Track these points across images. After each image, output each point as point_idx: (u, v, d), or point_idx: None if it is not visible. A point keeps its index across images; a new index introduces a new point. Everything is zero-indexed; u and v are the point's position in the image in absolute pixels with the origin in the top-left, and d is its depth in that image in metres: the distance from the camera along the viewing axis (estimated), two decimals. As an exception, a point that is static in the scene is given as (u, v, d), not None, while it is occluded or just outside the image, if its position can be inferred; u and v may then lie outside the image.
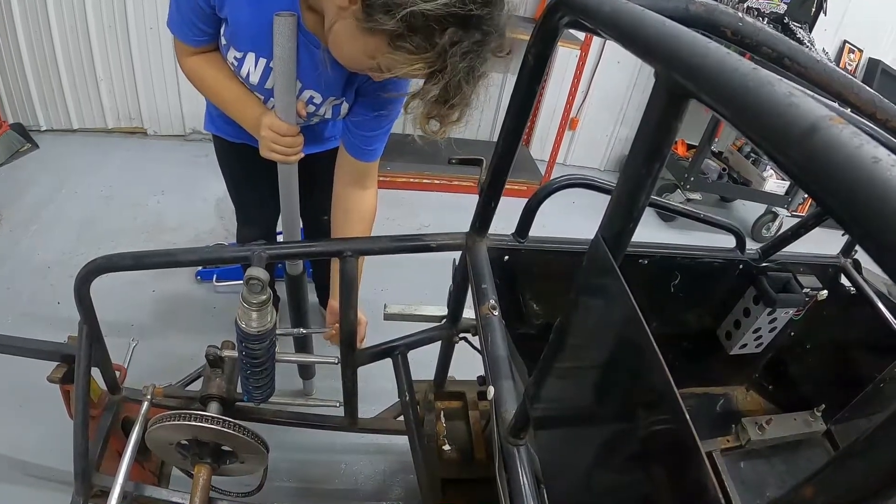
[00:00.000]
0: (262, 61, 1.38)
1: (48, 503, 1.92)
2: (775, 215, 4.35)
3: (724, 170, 4.38)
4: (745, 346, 1.65)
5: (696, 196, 4.11)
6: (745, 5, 3.56)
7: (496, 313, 1.11)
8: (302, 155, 1.47)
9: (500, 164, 1.14)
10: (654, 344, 0.56)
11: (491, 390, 0.98)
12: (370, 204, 1.63)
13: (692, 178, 4.03)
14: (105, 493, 1.38)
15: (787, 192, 4.28)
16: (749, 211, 4.74)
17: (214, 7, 1.30)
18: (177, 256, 1.30)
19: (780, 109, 0.36)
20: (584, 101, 4.32)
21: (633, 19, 0.58)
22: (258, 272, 1.16)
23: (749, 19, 0.68)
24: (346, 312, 1.35)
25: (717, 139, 4.14)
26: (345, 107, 1.49)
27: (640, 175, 0.61)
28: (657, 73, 0.55)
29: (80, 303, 1.41)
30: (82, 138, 4.11)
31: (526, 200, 1.36)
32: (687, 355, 1.66)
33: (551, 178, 3.90)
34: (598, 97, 4.43)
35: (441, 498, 1.49)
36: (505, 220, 1.36)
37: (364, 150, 1.53)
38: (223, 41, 1.38)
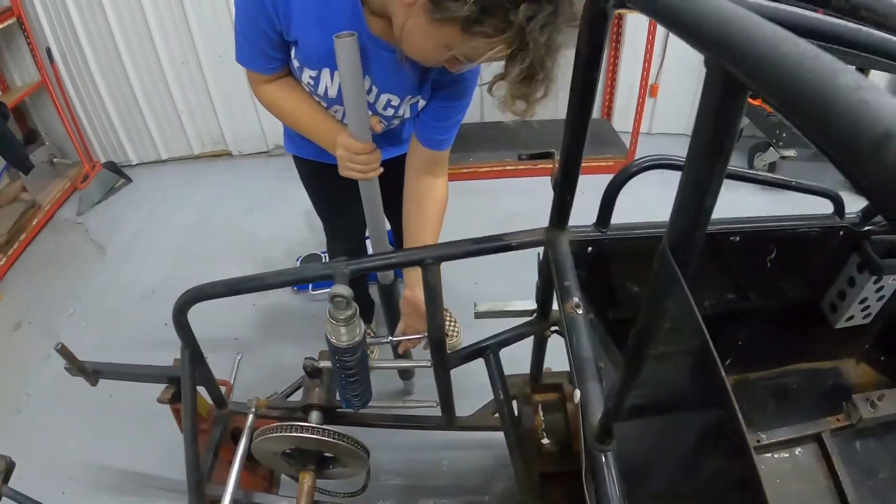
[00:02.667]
0: (338, 74, 1.39)
1: None
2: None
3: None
4: (851, 317, 1.54)
5: (791, 153, 3.84)
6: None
7: (580, 311, 1.09)
8: (380, 170, 1.48)
9: (569, 157, 1.11)
10: (720, 364, 0.52)
11: (577, 394, 0.96)
12: (442, 192, 1.62)
13: (784, 134, 3.75)
14: (218, 502, 1.44)
15: (889, 138, 3.99)
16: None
17: (281, 33, 1.32)
18: (266, 280, 1.34)
19: (847, 110, 0.29)
20: (661, 65, 4.15)
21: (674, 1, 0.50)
22: (342, 289, 1.18)
23: None
24: (433, 318, 1.35)
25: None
26: (421, 103, 1.48)
27: (702, 179, 0.55)
28: (706, 62, 0.48)
29: (180, 329, 1.50)
30: (172, 167, 4.35)
31: (612, 176, 1.30)
32: (789, 329, 1.57)
33: (636, 149, 3.81)
34: (675, 60, 4.18)
35: (539, 492, 1.49)
36: (595, 199, 1.32)
37: (438, 140, 1.52)
38: (296, 63, 1.40)
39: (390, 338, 1.69)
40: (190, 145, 4.32)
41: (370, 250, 2.03)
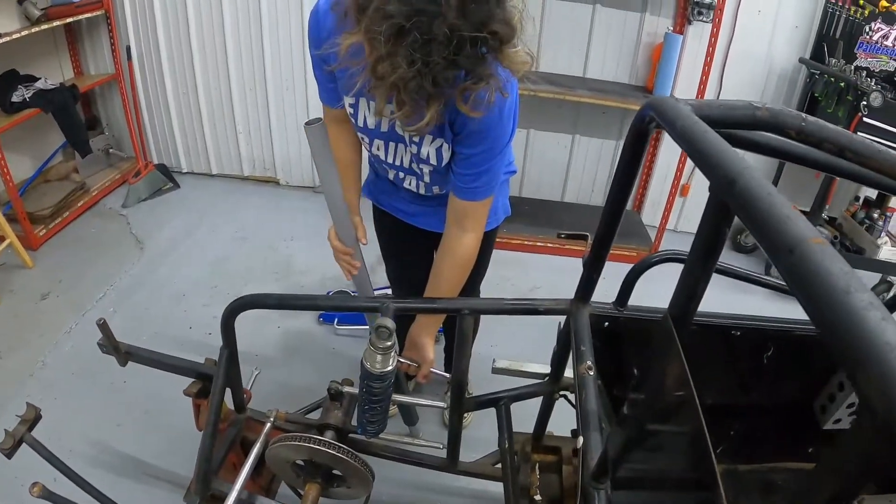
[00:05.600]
0: (373, 104, 1.43)
1: (159, 500, 2.15)
2: (890, 285, 4.03)
3: (835, 237, 4.18)
4: (838, 420, 1.61)
5: None
6: (854, 65, 3.52)
7: (592, 373, 1.20)
8: (355, 272, 1.67)
9: (601, 241, 1.23)
10: (704, 424, 0.66)
11: (580, 440, 1.08)
12: (466, 247, 1.60)
13: None
14: (217, 498, 1.53)
15: (903, 260, 4.04)
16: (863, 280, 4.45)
17: (328, 63, 1.41)
18: (316, 301, 1.47)
19: (777, 226, 0.49)
20: (695, 167, 4.29)
21: (695, 138, 0.70)
22: (387, 322, 1.30)
23: (811, 118, 0.77)
24: (459, 364, 1.47)
25: (828, 206, 3.98)
26: (446, 149, 1.47)
27: (698, 269, 0.75)
28: (710, 187, 0.67)
29: (225, 330, 1.60)
30: (220, 182, 4.52)
31: (632, 265, 1.44)
32: (781, 427, 1.63)
33: (660, 244, 3.95)
34: None
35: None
36: (618, 282, 1.44)
37: (463, 189, 1.51)
38: (341, 92, 1.49)
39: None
40: (241, 165, 4.50)
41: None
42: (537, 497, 1.59)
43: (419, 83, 1.07)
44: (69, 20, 3.60)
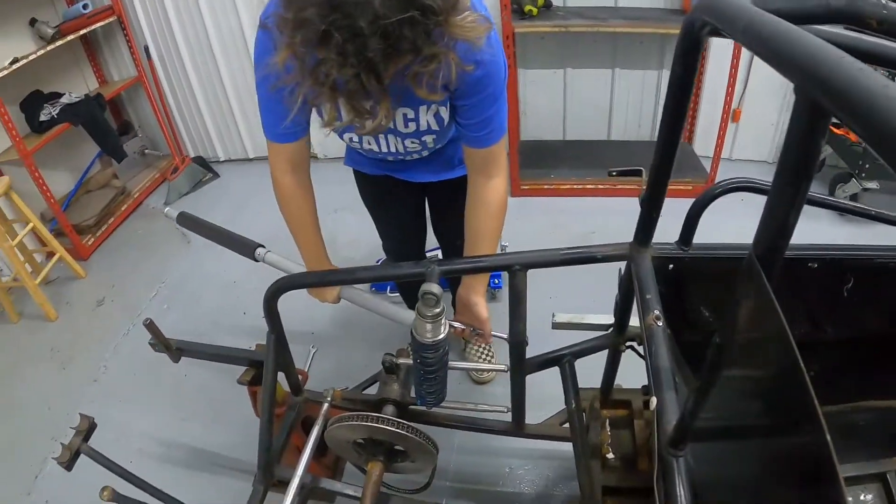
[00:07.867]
0: None
1: (229, 490, 2.16)
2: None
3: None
4: None
5: (874, 185, 3.67)
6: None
7: (660, 324, 1.09)
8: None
9: (658, 176, 1.12)
10: (804, 367, 0.54)
11: (653, 401, 0.97)
12: (496, 193, 1.55)
13: (867, 165, 3.59)
14: (283, 484, 1.49)
15: None
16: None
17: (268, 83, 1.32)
18: (356, 274, 1.39)
19: None
20: (744, 90, 4.04)
21: (768, 33, 0.56)
22: (433, 287, 1.22)
23: (893, 4, 0.63)
24: (515, 323, 1.38)
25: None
26: (444, 111, 1.45)
27: (789, 194, 0.60)
28: (795, 89, 0.53)
29: (269, 315, 1.56)
30: (258, 166, 4.48)
31: (692, 200, 1.32)
32: (866, 363, 1.51)
33: (717, 175, 3.76)
34: (758, 85, 4.09)
35: (600, 504, 1.49)
36: (677, 221, 1.33)
37: (476, 138, 1.46)
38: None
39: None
40: (277, 145, 4.45)
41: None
42: (609, 455, 1.50)
43: (360, 83, 0.99)
44: (83, 31, 3.60)
